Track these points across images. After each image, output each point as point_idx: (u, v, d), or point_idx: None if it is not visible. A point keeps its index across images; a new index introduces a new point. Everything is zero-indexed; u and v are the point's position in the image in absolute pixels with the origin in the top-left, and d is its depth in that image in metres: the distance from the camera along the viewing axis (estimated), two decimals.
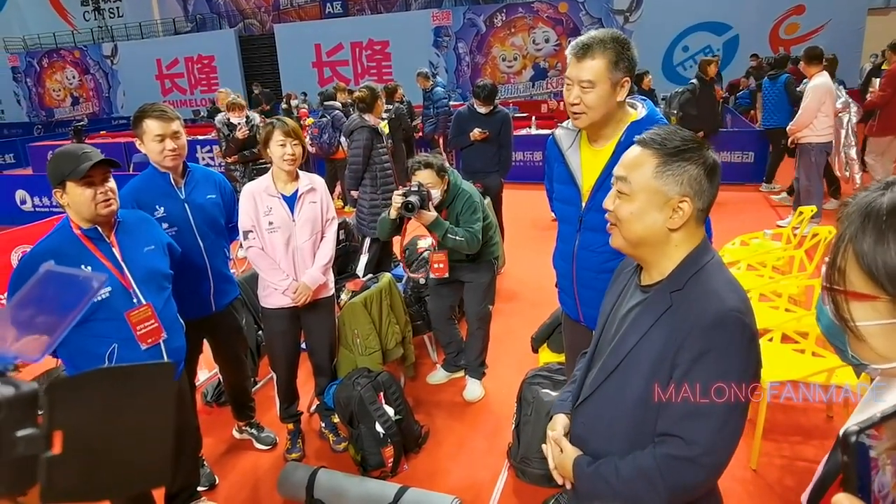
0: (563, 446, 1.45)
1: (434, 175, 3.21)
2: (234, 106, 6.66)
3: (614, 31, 1.93)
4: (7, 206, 9.09)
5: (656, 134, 1.31)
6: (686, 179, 1.27)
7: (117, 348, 2.14)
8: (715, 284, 1.26)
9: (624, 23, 14.90)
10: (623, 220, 1.32)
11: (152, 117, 2.61)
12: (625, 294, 1.44)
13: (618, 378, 1.34)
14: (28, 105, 22.69)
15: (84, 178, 2.04)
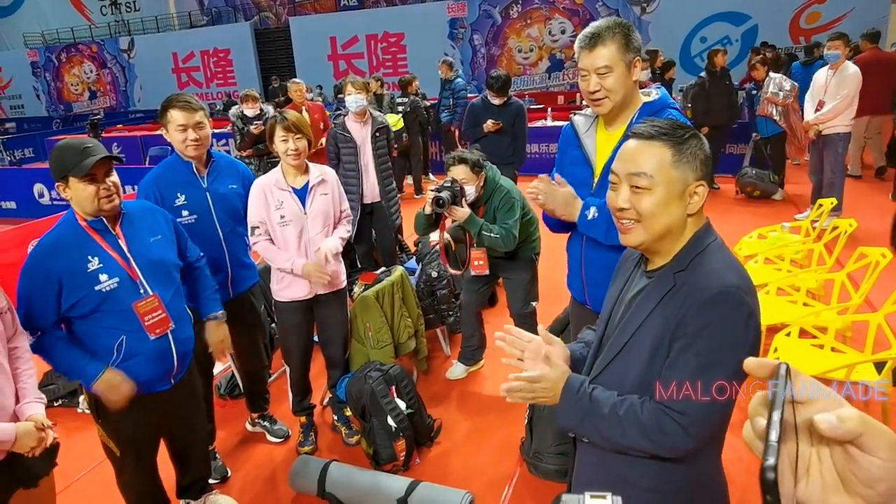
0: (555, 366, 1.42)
1: (469, 171, 3.18)
2: (248, 98, 6.68)
3: (615, 18, 2.02)
4: (26, 199, 9.21)
5: (656, 126, 1.33)
6: (698, 164, 1.31)
7: (126, 340, 2.14)
8: (716, 264, 1.29)
9: (640, 14, 14.70)
10: (647, 214, 1.32)
11: (177, 107, 2.64)
12: (631, 281, 1.46)
13: (622, 360, 1.37)
14: (47, 99, 22.92)
15: (87, 174, 2.04)
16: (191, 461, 2.64)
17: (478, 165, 3.22)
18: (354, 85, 4.52)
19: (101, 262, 2.10)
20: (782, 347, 3.10)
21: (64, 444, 2.10)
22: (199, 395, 2.63)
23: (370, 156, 4.61)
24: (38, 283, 2.05)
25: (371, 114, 4.67)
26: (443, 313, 3.96)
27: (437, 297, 3.91)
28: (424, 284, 3.92)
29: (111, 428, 2.28)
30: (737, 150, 8.32)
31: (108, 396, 2.12)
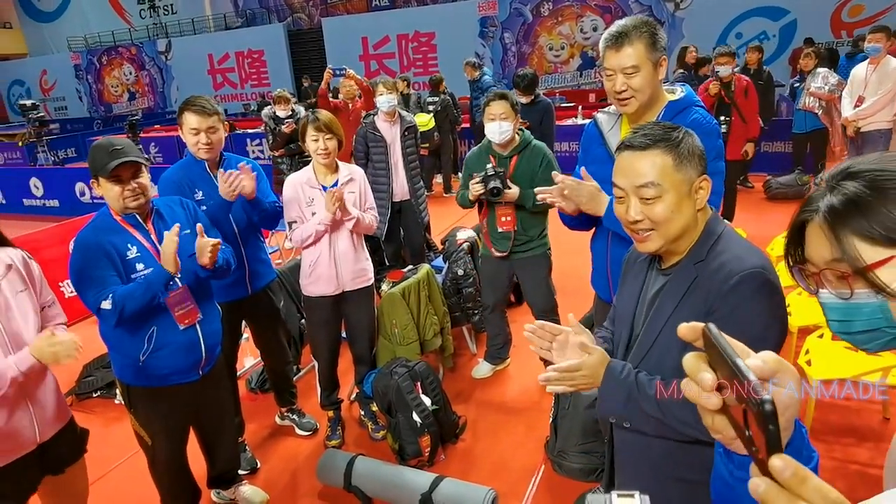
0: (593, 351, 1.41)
1: (509, 107, 3.15)
2: (280, 99, 6.80)
3: (641, 17, 2.00)
4: (68, 197, 9.52)
5: (647, 134, 1.34)
6: (696, 160, 1.34)
7: (156, 331, 2.22)
8: (735, 249, 1.32)
9: (674, 10, 14.45)
10: (661, 220, 1.33)
11: (191, 111, 2.71)
12: (648, 281, 1.47)
13: (655, 355, 1.38)
14: (88, 101, 23.58)
15: (112, 174, 2.12)
16: (220, 452, 2.71)
17: (517, 105, 3.20)
18: (385, 85, 4.58)
19: (139, 251, 2.20)
20: (814, 349, 3.04)
21: (101, 434, 2.19)
22: (227, 387, 2.70)
23: (400, 154, 4.66)
24: (91, 254, 2.12)
25: (400, 113, 4.71)
26: (468, 311, 3.97)
27: (463, 296, 3.93)
28: (451, 283, 3.94)
29: (142, 417, 2.36)
30: (772, 148, 8.13)
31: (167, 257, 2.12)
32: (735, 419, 0.64)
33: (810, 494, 0.57)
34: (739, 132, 5.77)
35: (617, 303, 1.58)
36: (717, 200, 2.06)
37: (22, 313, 1.89)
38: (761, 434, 0.57)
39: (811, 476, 0.58)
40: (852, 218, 0.80)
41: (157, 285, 2.13)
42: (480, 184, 3.11)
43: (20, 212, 9.87)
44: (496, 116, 3.14)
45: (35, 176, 10.00)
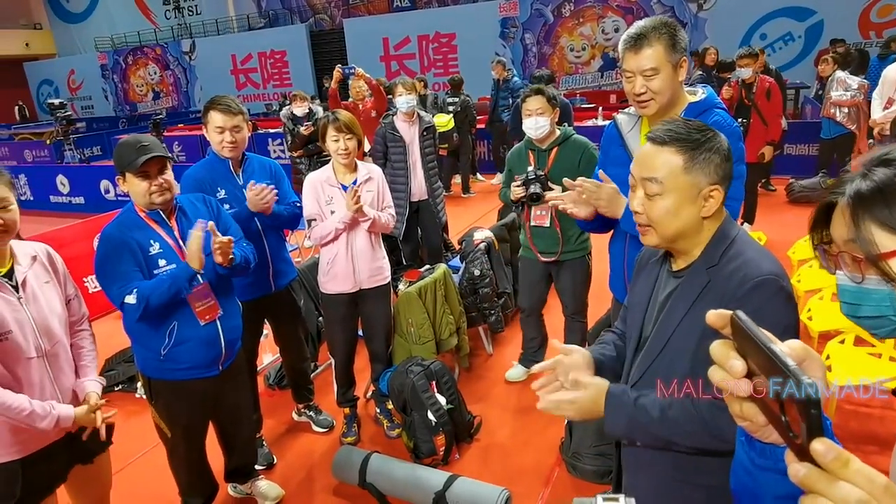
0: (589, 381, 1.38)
1: (545, 102, 3.14)
2: (296, 97, 6.92)
3: (661, 17, 1.97)
4: (93, 195, 9.70)
5: (670, 130, 1.32)
6: (713, 168, 1.30)
7: (177, 326, 2.26)
8: (749, 254, 1.30)
9: (697, 11, 14.30)
10: (658, 220, 1.33)
11: (217, 109, 2.75)
12: (659, 283, 1.45)
13: (664, 360, 1.36)
14: (114, 100, 23.99)
15: (140, 170, 2.16)
16: (237, 446, 2.74)
17: (554, 99, 3.18)
18: (405, 86, 4.61)
19: (161, 247, 2.24)
20: (835, 355, 3.00)
21: (122, 428, 2.23)
22: (247, 383, 2.73)
23: (418, 154, 4.68)
24: (115, 249, 2.17)
25: (419, 114, 4.73)
26: (485, 312, 3.98)
27: (479, 296, 3.94)
28: (467, 283, 3.95)
29: (162, 410, 2.40)
30: (795, 150, 8.02)
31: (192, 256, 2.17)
32: (769, 405, 0.63)
33: (854, 477, 0.56)
34: (759, 134, 5.69)
35: (628, 303, 1.57)
36: (735, 206, 2.04)
37: (48, 303, 1.94)
38: (801, 419, 0.57)
39: (854, 458, 0.57)
40: (875, 204, 0.80)
41: (182, 281, 2.17)
42: (521, 187, 3.13)
43: (47, 208, 10.07)
44: (532, 112, 3.15)
45: (62, 173, 10.21)
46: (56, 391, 1.94)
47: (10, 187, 1.85)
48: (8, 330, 1.79)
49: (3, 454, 1.87)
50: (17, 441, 1.87)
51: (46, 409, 1.87)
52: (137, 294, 2.13)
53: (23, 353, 1.83)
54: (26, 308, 1.85)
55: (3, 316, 1.79)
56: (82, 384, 2.05)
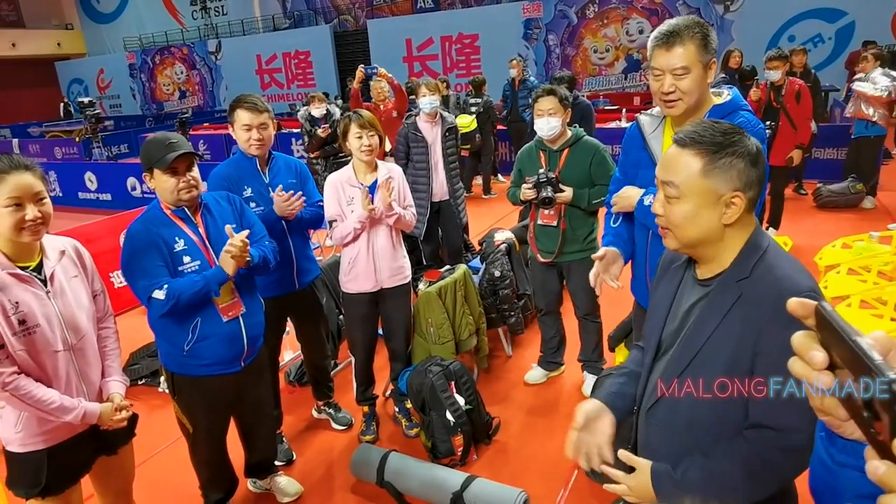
0: (635, 463, 1.37)
1: (557, 102, 3.14)
2: (314, 98, 7.01)
3: (694, 17, 1.94)
4: (120, 192, 9.87)
5: (694, 132, 1.28)
6: (735, 174, 1.25)
7: (200, 322, 2.29)
8: (784, 268, 1.25)
9: (724, 12, 14.11)
10: (676, 224, 1.30)
11: (243, 108, 2.78)
12: (682, 289, 1.41)
13: (693, 374, 1.31)
14: (141, 99, 24.39)
15: (168, 167, 2.19)
16: (258, 442, 2.77)
17: (566, 100, 3.18)
18: (428, 87, 4.63)
19: (186, 244, 2.27)
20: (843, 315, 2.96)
21: (145, 421, 2.26)
22: (268, 379, 2.76)
23: (440, 155, 4.69)
24: (142, 245, 2.21)
25: (441, 114, 4.74)
26: (505, 313, 3.96)
27: (499, 297, 3.93)
28: (487, 284, 3.95)
29: (185, 405, 2.43)
30: (823, 154, 7.87)
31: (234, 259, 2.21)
32: (850, 400, 0.62)
33: None
34: (787, 137, 5.60)
35: (649, 307, 1.54)
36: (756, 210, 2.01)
37: (76, 297, 1.97)
38: (885, 415, 0.55)
39: None
40: None
41: (214, 284, 2.21)
42: (533, 189, 3.12)
43: (75, 204, 10.27)
44: (544, 112, 3.14)
45: (90, 170, 10.41)
46: (82, 385, 1.98)
47: (43, 181, 1.89)
48: (36, 323, 1.83)
49: (30, 443, 1.91)
50: (43, 431, 1.91)
51: (74, 403, 1.91)
52: (168, 291, 2.16)
53: (50, 346, 1.87)
54: (54, 302, 1.89)
55: (32, 309, 1.83)
56: (107, 383, 2.09)
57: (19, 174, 1.79)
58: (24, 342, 1.81)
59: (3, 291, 1.79)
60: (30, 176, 1.82)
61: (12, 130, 20.47)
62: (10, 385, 1.78)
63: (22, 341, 1.81)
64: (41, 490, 1.93)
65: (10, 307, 1.79)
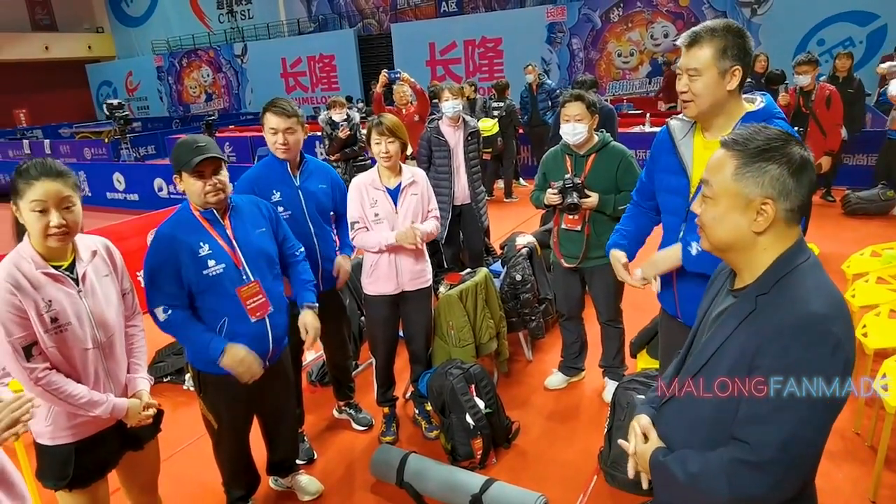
0: (650, 435, 1.45)
1: (584, 108, 3.12)
2: (335, 104, 7.07)
3: (728, 21, 1.92)
4: (147, 192, 10.05)
5: (739, 134, 1.27)
6: (767, 180, 1.21)
7: (227, 321, 2.33)
8: (802, 289, 1.20)
9: (751, 16, 13.94)
10: (704, 224, 1.31)
11: (273, 112, 2.83)
12: (717, 299, 1.41)
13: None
14: (168, 101, 24.83)
15: (195, 169, 2.23)
16: (280, 440, 2.80)
17: (593, 106, 3.15)
18: (451, 91, 4.66)
19: (211, 248, 2.30)
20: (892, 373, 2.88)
21: (169, 418, 2.30)
22: (291, 379, 2.79)
23: (462, 159, 4.70)
24: (162, 257, 2.27)
25: (464, 118, 4.76)
26: (525, 317, 3.96)
27: (520, 301, 3.92)
28: (508, 287, 3.95)
29: (210, 402, 2.48)
30: (853, 160, 7.73)
31: (238, 370, 2.30)
32: None
33: None
34: (816, 144, 5.51)
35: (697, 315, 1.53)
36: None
37: (106, 296, 2.02)
38: None
39: None
40: None
41: (212, 353, 2.27)
42: (558, 195, 3.11)
43: (104, 204, 10.47)
44: (570, 117, 3.14)
45: (118, 171, 10.61)
46: (109, 381, 2.02)
47: (74, 189, 1.91)
48: (68, 321, 1.88)
49: (59, 437, 1.96)
50: (71, 426, 1.96)
51: (102, 398, 1.96)
52: (170, 318, 2.26)
53: (80, 344, 1.92)
54: (85, 301, 1.94)
55: (64, 308, 1.88)
56: (133, 380, 2.13)
57: (49, 181, 1.82)
58: (55, 339, 1.86)
59: (37, 290, 1.84)
60: (59, 183, 1.84)
61: (44, 131, 20.97)
62: (42, 380, 1.83)
63: (54, 339, 1.86)
64: (68, 482, 1.98)
65: (43, 305, 1.84)
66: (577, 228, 3.26)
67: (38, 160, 1.89)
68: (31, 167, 1.85)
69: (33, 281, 1.84)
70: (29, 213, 1.82)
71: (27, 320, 1.81)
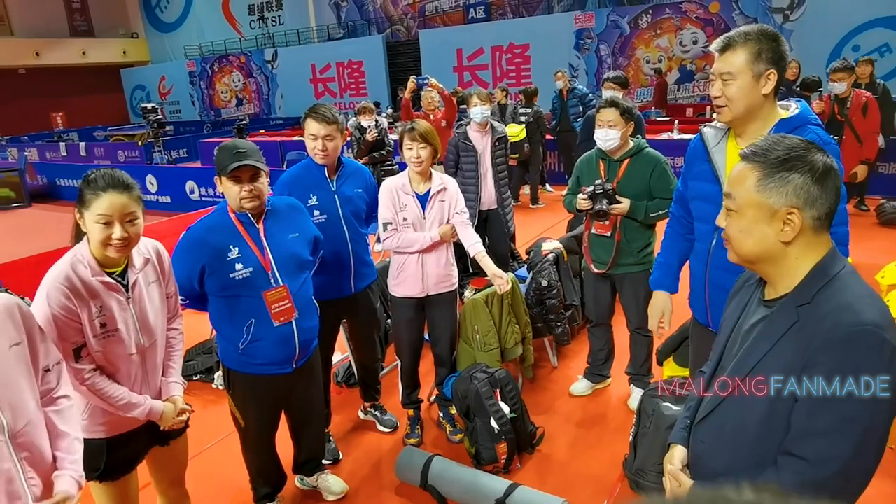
0: (680, 480, 1.43)
1: (618, 115, 3.11)
2: (364, 110, 7.15)
3: (763, 25, 1.92)
4: (178, 194, 10.23)
5: (758, 146, 1.26)
6: (791, 190, 1.20)
7: (254, 323, 2.38)
8: (849, 297, 1.18)
9: (783, 21, 13.74)
10: (730, 237, 1.29)
11: (313, 117, 2.88)
12: (748, 309, 1.39)
13: (741, 396, 1.29)
14: (200, 105, 25.28)
15: (232, 174, 2.29)
16: (307, 440, 2.84)
17: (628, 112, 3.14)
18: (480, 96, 4.68)
19: (240, 252, 2.35)
20: None
21: (199, 416, 2.36)
22: (319, 380, 2.83)
23: (489, 164, 4.72)
24: (187, 251, 2.33)
25: (492, 124, 4.78)
26: (551, 323, 3.95)
27: (546, 307, 3.92)
28: (534, 293, 3.95)
29: (239, 400, 2.53)
30: (889, 169, 7.56)
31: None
32: None
33: None
34: (852, 152, 5.41)
35: (721, 323, 1.51)
36: (841, 231, 1.97)
37: (151, 302, 2.07)
38: None
39: None
40: None
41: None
42: (588, 200, 3.11)
43: None
44: (604, 123, 3.13)
45: (151, 173, 10.82)
46: (146, 385, 2.08)
47: (139, 202, 1.94)
48: (115, 328, 1.94)
49: (93, 431, 2.02)
50: (105, 422, 2.02)
51: (141, 400, 2.02)
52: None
53: (124, 350, 1.98)
54: (132, 307, 2.00)
55: (113, 315, 1.93)
56: (167, 385, 2.17)
57: (116, 194, 1.86)
58: (102, 344, 1.93)
59: (91, 297, 1.89)
60: (125, 196, 1.88)
61: (79, 134, 21.51)
62: (88, 381, 1.91)
63: (101, 343, 1.92)
64: (99, 475, 2.04)
65: (95, 311, 1.90)
66: (607, 234, 3.25)
67: (106, 171, 1.92)
68: (100, 177, 1.88)
69: (88, 287, 1.89)
70: (93, 225, 1.87)
71: (79, 324, 1.87)
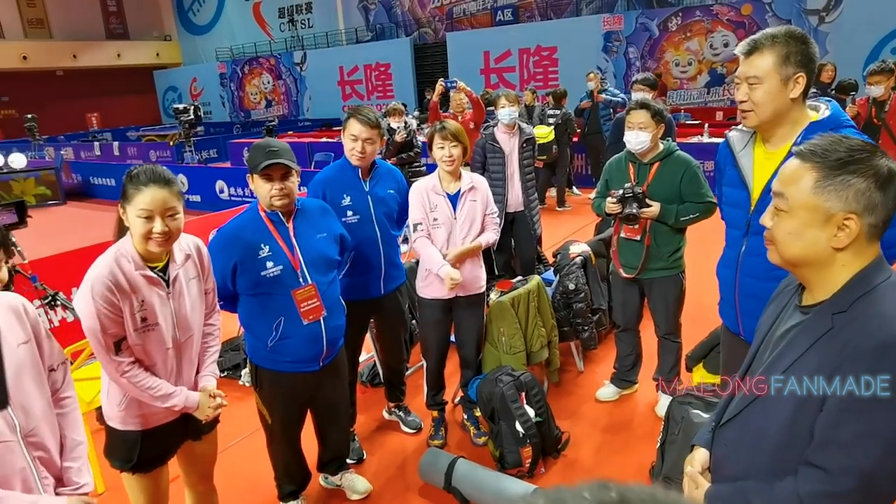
0: (698, 483, 1.42)
1: (648, 117, 3.06)
2: (394, 111, 7.20)
3: (790, 27, 1.86)
4: (208, 194, 10.40)
5: (817, 144, 1.20)
6: (851, 194, 1.14)
7: (283, 321, 2.40)
8: (887, 308, 1.13)
9: (818, 24, 13.45)
10: (777, 238, 1.24)
11: (357, 119, 2.90)
12: (784, 315, 1.35)
13: (765, 401, 1.26)
14: (230, 107, 25.66)
15: (263, 172, 2.31)
16: (332, 438, 2.86)
17: (659, 115, 3.09)
18: (508, 98, 4.68)
19: (271, 250, 2.38)
20: None
21: (226, 412, 2.37)
22: (346, 379, 2.84)
23: (517, 166, 4.70)
24: (219, 258, 2.35)
25: (520, 125, 4.77)
26: (578, 327, 3.91)
27: (573, 311, 3.88)
28: (561, 296, 3.91)
29: (266, 397, 2.56)
30: None
31: None
32: None
33: None
34: None
35: (756, 331, 1.47)
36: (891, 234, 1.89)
37: (191, 298, 2.10)
38: None
39: None
40: None
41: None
42: (617, 204, 3.08)
43: None
44: (634, 125, 3.10)
45: (182, 173, 11.00)
46: (180, 379, 2.11)
47: (179, 197, 1.97)
48: (155, 322, 1.98)
49: (129, 423, 2.05)
50: (141, 415, 2.05)
51: (177, 391, 2.05)
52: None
53: (162, 344, 2.02)
54: (171, 302, 2.03)
55: (154, 309, 1.97)
56: (201, 377, 2.20)
57: (157, 188, 1.89)
58: (141, 338, 1.96)
59: (134, 291, 1.93)
60: (166, 191, 1.91)
61: (113, 134, 21.99)
62: (127, 373, 1.94)
63: (140, 337, 1.96)
64: (132, 466, 2.08)
65: (136, 305, 1.93)
66: (636, 238, 3.20)
67: (147, 166, 1.96)
68: (142, 173, 1.92)
69: (131, 281, 1.92)
70: (135, 219, 1.90)
71: (121, 318, 1.91)
